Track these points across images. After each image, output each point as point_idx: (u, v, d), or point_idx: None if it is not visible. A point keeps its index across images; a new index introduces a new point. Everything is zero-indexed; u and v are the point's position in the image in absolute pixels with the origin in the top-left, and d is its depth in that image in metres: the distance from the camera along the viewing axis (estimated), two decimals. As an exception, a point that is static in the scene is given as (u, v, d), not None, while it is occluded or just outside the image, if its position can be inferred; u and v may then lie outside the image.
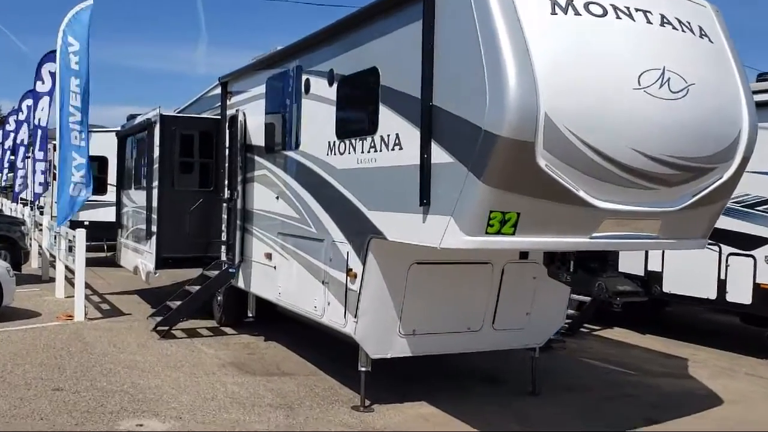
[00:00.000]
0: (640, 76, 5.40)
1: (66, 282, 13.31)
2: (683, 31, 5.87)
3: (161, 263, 11.21)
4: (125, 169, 13.90)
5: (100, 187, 18.76)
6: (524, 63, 5.10)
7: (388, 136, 6.52)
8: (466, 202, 5.40)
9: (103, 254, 19.83)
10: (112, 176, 18.13)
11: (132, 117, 14.00)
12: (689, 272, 10.69)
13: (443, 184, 5.67)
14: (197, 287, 10.75)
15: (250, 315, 10.82)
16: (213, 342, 10.18)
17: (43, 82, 17.54)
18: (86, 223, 18.35)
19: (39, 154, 18.01)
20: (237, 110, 10.33)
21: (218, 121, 11.36)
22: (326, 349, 9.66)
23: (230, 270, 10.46)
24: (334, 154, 7.59)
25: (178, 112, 12.69)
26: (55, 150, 21.77)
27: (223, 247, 11.20)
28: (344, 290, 7.28)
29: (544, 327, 8.15)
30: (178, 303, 10.58)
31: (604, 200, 5.48)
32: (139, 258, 12.01)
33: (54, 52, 14.35)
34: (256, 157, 9.96)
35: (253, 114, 10.08)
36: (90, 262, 14.50)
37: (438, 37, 5.75)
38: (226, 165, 11.13)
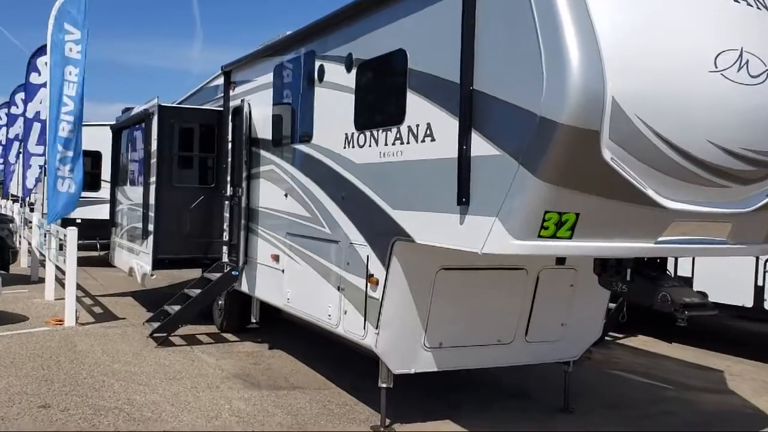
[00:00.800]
0: (716, 58, 4.69)
1: (56, 283, 12.55)
2: (758, 8, 5.17)
3: (158, 264, 10.47)
4: (120, 164, 13.14)
5: (93, 184, 18.06)
6: (588, 39, 4.39)
7: (417, 126, 5.80)
8: (515, 200, 4.69)
9: (96, 253, 19.12)
10: (105, 172, 17.41)
11: (127, 110, 13.25)
12: (723, 278, 9.99)
13: (487, 180, 4.96)
14: (197, 291, 10.02)
15: (254, 321, 10.08)
16: (214, 350, 9.45)
17: (39, 74, 16.71)
18: (78, 220, 17.61)
19: (37, 149, 17.20)
20: (242, 101, 9.59)
21: (220, 113, 10.62)
22: (337, 357, 8.94)
23: (233, 273, 9.72)
24: (352, 147, 6.87)
25: (178, 104, 11.94)
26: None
27: (225, 248, 10.47)
28: (364, 298, 6.56)
29: (580, 339, 7.45)
30: (177, 308, 9.84)
31: (674, 200, 4.77)
32: (134, 259, 11.27)
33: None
34: (262, 152, 9.23)
35: (259, 105, 9.35)
36: (82, 262, 13.77)
37: (481, 11, 5.03)
38: (229, 160, 10.41)
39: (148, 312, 11.90)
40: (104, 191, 17.51)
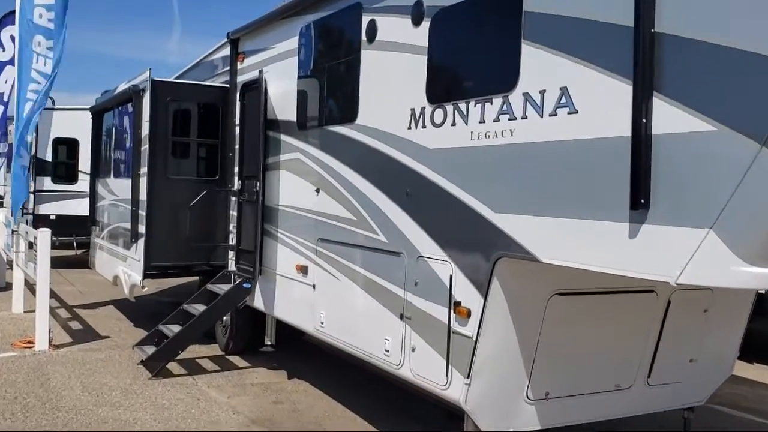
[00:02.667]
0: None
1: (27, 289, 10.62)
2: None
3: (150, 274, 8.63)
4: (102, 152, 11.21)
5: (69, 175, 16.14)
6: None
7: (543, 93, 4.04)
8: (753, 203, 2.96)
9: (72, 252, 17.20)
10: (83, 162, 15.51)
11: (107, 92, 11.33)
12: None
13: (688, 172, 3.21)
14: (200, 307, 8.20)
15: (269, 343, 8.30)
16: (222, 381, 7.64)
17: (4, 49, 14.72)
18: (53, 217, 15.75)
19: (-3, 135, 15.22)
20: (259, 72, 7.72)
21: (226, 90, 8.78)
22: (378, 390, 7.19)
23: (244, 285, 7.92)
24: (423, 126, 5.10)
25: (174, 80, 10.07)
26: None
27: (231, 254, 8.65)
28: (446, 333, 4.81)
29: (708, 378, 5.76)
30: (175, 329, 8.01)
31: None
32: (120, 266, 9.40)
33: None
34: (283, 137, 7.42)
35: (278, 79, 7.53)
36: (57, 263, 11.86)
37: None
38: (237, 147, 8.58)
39: (135, 327, 10.06)
40: (82, 184, 15.61)
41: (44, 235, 8.49)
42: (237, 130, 8.63)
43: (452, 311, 4.73)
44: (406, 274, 5.27)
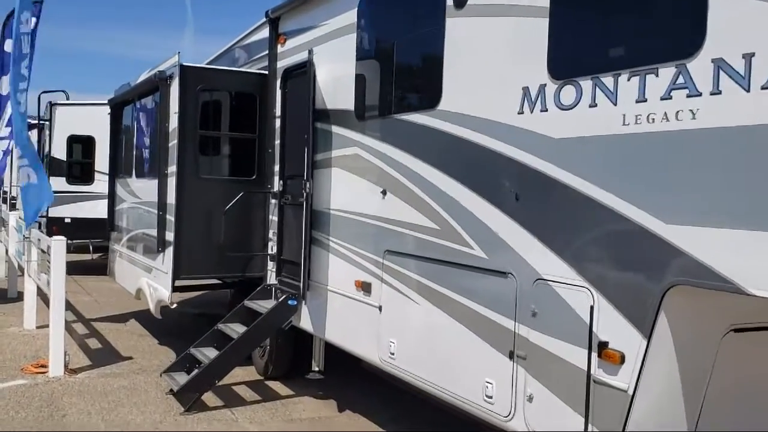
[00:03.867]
0: None
1: (39, 298, 9.53)
2: None
3: (180, 287, 7.54)
4: (122, 149, 10.12)
5: (85, 176, 15.09)
6: None
7: (749, 56, 2.88)
8: None
9: (88, 257, 16.19)
10: (100, 161, 14.44)
11: (125, 85, 10.22)
12: None
13: None
14: (238, 328, 7.09)
15: (317, 370, 7.16)
16: (265, 415, 6.53)
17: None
18: (67, 220, 14.72)
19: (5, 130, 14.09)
20: (308, 53, 6.56)
21: (264, 77, 7.66)
22: (452, 428, 6.06)
23: (289, 302, 6.80)
24: (542, 109, 3.95)
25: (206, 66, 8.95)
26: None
27: (271, 265, 7.54)
28: (583, 383, 3.65)
29: None
30: (210, 353, 6.90)
31: None
32: (144, 278, 8.30)
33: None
34: (336, 129, 6.29)
35: (329, 61, 6.40)
36: (73, 268, 10.86)
37: None
38: (277, 143, 7.48)
39: (160, 345, 8.98)
40: (99, 185, 14.57)
41: (59, 244, 7.40)
42: (277, 122, 7.51)
43: (595, 354, 3.58)
44: (517, 300, 4.12)
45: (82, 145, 15.00)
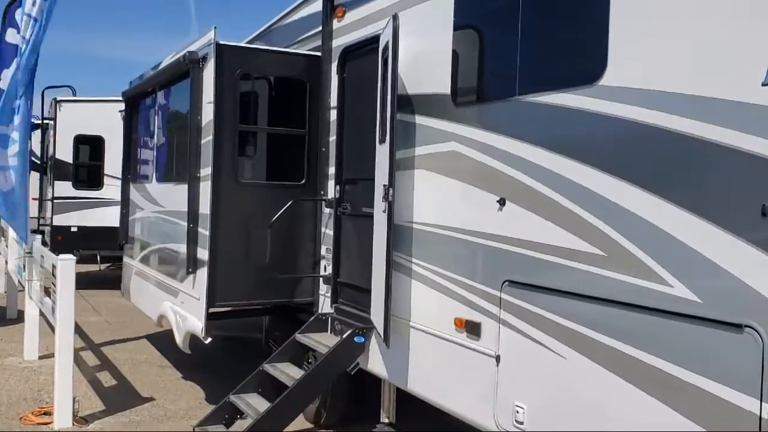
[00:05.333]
0: None
1: (42, 319, 8.08)
2: None
3: (215, 315, 6.15)
4: (139, 150, 8.74)
5: (93, 180, 13.73)
6: None
7: None
8: None
9: (96, 267, 14.86)
10: (110, 164, 13.12)
11: (140, 78, 8.83)
12: None
13: None
14: (286, 367, 5.70)
15: (387, 421, 5.76)
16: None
17: (19, 31, 12.25)
18: (74, 229, 13.36)
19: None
20: (392, 20, 5.09)
21: (316, 60, 6.29)
22: None
23: (356, 340, 5.40)
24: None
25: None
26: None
27: (325, 288, 6.17)
28: None
29: None
30: (256, 403, 5.49)
31: None
32: (168, 302, 6.92)
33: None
34: (419, 119, 4.90)
35: (409, 34, 4.99)
36: (79, 281, 9.35)
37: None
38: (331, 139, 6.11)
39: (185, 380, 7.60)
40: (108, 190, 13.25)
41: (67, 265, 6.00)
42: (332, 115, 6.14)
43: None
44: (766, 369, 2.73)
45: (90, 146, 13.63)
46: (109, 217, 13.23)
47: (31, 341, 8.11)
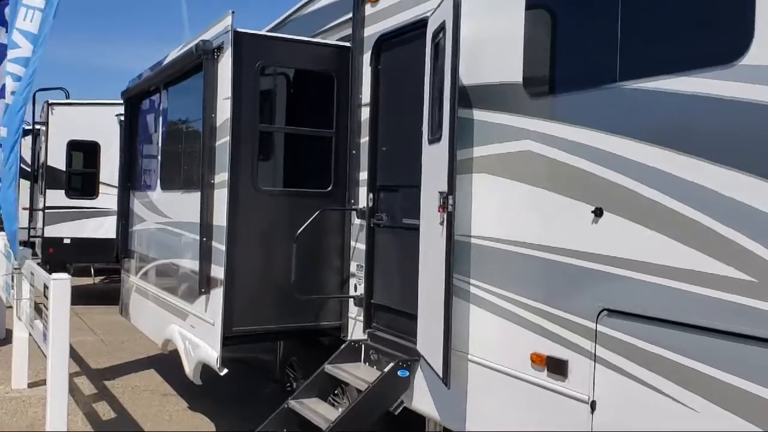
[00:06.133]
0: None
1: (32, 341, 7.24)
2: None
3: (231, 341, 5.36)
4: (140, 154, 7.96)
5: (87, 188, 12.93)
6: None
7: None
8: None
9: (89, 281, 14.09)
10: (106, 171, 12.36)
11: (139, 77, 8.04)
12: None
13: None
14: (316, 405, 4.92)
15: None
16: None
17: (6, 30, 11.47)
18: (67, 240, 12.53)
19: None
20: (431, 12, 4.36)
21: (345, 51, 5.55)
22: None
23: (400, 374, 4.63)
24: None
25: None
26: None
27: (355, 311, 5.42)
28: None
29: None
30: (283, 448, 4.73)
31: None
32: (176, 326, 6.13)
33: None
34: (480, 114, 4.14)
35: (469, 16, 4.22)
36: (71, 296, 8.63)
37: None
38: (364, 140, 5.37)
39: (192, 410, 6.81)
40: (104, 199, 12.46)
41: (61, 286, 5.20)
42: (364, 112, 5.39)
43: None
44: None
45: (85, 152, 12.82)
46: (104, 228, 12.45)
47: (20, 368, 7.30)
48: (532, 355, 3.75)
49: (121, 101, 12.11)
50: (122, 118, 11.93)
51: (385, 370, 4.64)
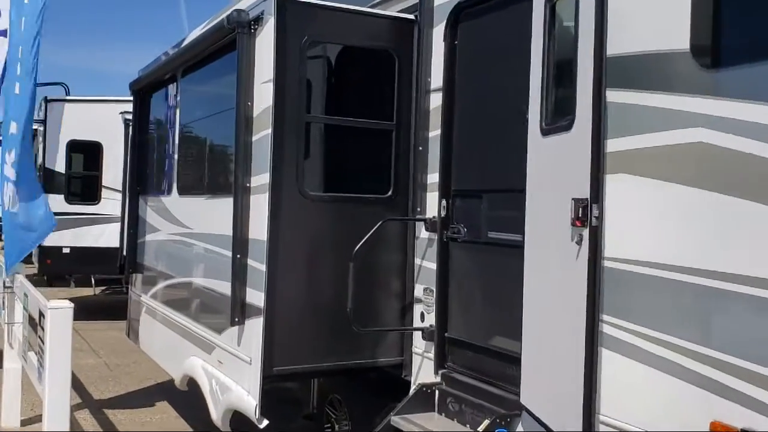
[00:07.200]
0: None
1: (23, 372, 6.21)
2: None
3: (271, 382, 4.31)
4: (152, 154, 6.91)
5: (88, 193, 11.90)
6: None
7: None
8: None
9: (90, 292, 13.05)
10: (109, 174, 11.36)
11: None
12: None
13: None
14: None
15: None
16: None
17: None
18: (66, 250, 11.48)
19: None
20: None
21: (409, 25, 4.52)
22: None
23: (499, 432, 3.59)
24: None
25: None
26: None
27: (422, 346, 4.39)
28: None
29: None
30: None
31: None
32: (199, 360, 5.08)
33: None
34: (621, 96, 3.08)
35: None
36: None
37: None
38: (434, 133, 4.35)
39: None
40: (106, 204, 11.47)
41: (60, 316, 4.14)
42: (434, 99, 4.36)
43: None
44: None
45: (86, 153, 11.78)
46: (106, 236, 11.46)
47: (11, 403, 6.22)
48: (713, 425, 2.70)
49: (126, 98, 11.26)
50: (127, 116, 11.04)
51: (480, 430, 3.60)
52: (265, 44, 4.24)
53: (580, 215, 2.95)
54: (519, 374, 3.54)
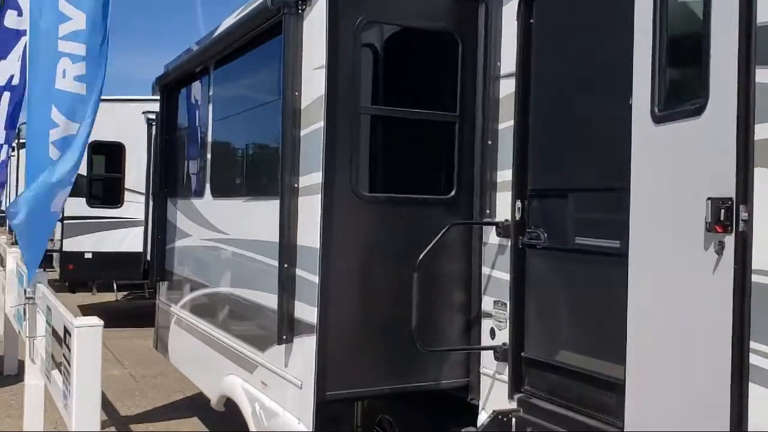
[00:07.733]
0: None
1: (43, 384, 5.77)
2: None
3: (325, 409, 3.82)
4: (182, 154, 6.44)
5: (111, 196, 11.48)
6: None
7: None
8: None
9: (111, 297, 12.67)
10: (132, 176, 10.97)
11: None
12: None
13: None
14: None
15: None
16: None
17: (21, 14, 9.93)
18: (88, 255, 11.05)
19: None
20: None
21: (474, 2, 4.01)
22: None
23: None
24: None
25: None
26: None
27: (493, 367, 3.87)
28: None
29: None
30: None
31: None
32: (238, 380, 4.59)
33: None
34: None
35: None
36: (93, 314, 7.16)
37: None
38: (505, 125, 3.83)
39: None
40: (129, 207, 11.06)
41: (89, 335, 3.67)
42: (506, 86, 3.85)
43: None
44: None
45: (108, 155, 11.35)
46: (129, 240, 11.03)
47: (33, 420, 5.77)
48: None
49: (148, 98, 10.83)
50: (150, 116, 10.60)
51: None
52: (315, 26, 3.74)
53: (721, 218, 2.41)
54: (619, 403, 3.03)
